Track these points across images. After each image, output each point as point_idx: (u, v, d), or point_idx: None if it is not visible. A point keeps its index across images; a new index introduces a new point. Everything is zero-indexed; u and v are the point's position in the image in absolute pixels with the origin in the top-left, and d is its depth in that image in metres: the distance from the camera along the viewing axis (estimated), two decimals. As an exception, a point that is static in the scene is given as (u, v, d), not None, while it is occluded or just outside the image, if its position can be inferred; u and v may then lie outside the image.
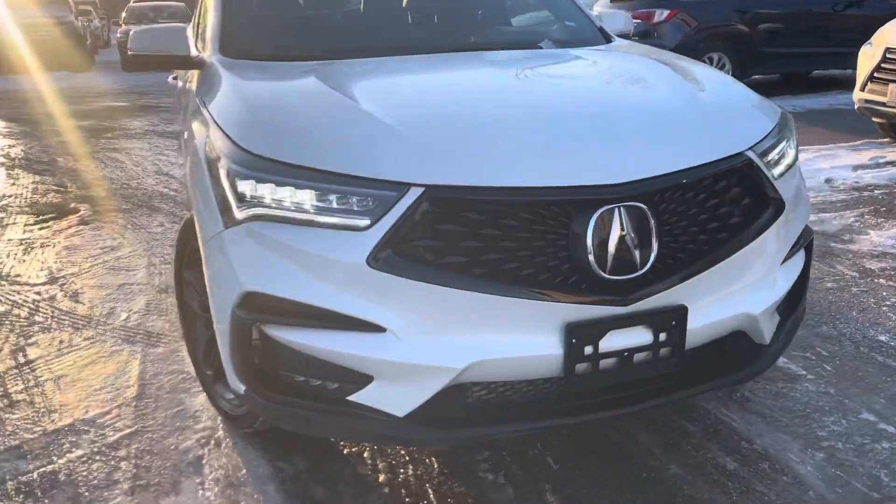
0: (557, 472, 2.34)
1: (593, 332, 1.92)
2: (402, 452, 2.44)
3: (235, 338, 2.02)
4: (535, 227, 1.87)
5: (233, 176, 2.01)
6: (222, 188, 2.05)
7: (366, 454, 2.44)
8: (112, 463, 2.45)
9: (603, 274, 1.89)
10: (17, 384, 2.97)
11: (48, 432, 2.63)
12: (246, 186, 1.98)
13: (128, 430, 2.63)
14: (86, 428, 2.65)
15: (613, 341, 1.95)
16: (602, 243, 1.88)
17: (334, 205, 1.89)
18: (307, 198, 1.91)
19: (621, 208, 1.89)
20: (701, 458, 2.39)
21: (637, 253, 1.91)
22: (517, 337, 1.90)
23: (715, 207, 2.04)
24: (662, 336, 1.98)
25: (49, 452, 2.51)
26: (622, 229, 1.89)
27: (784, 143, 2.32)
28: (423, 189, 1.85)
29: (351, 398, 1.94)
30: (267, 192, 1.95)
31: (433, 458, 2.41)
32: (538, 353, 1.91)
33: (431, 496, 2.24)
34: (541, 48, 3.07)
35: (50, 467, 2.44)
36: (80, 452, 2.51)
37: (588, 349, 1.92)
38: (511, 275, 1.87)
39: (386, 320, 1.88)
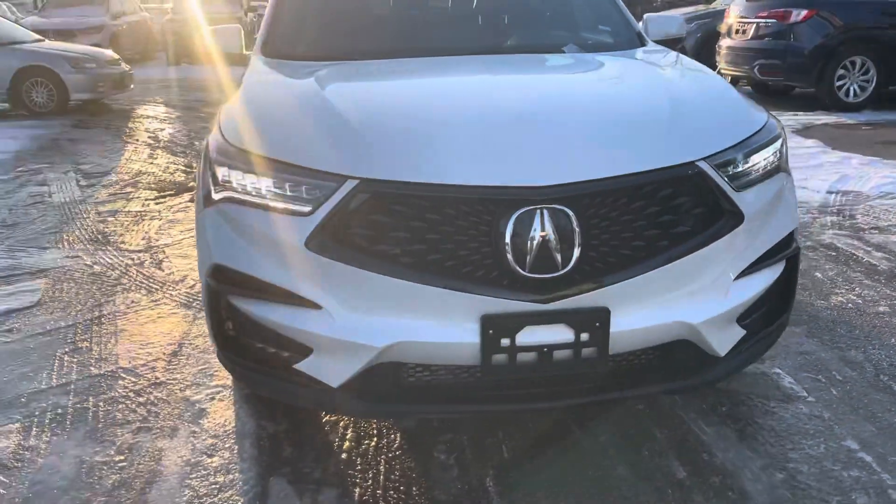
0: (507, 461, 2.45)
1: (510, 326, 2.02)
2: (374, 426, 2.64)
3: (208, 305, 2.30)
4: (459, 223, 2.00)
5: (212, 162, 2.29)
6: (207, 173, 2.34)
7: (342, 424, 2.66)
8: (132, 406, 2.83)
9: (521, 271, 1.98)
10: (85, 334, 3.46)
11: (93, 375, 3.07)
12: (221, 172, 2.25)
13: (155, 381, 3.01)
14: (124, 375, 3.06)
15: (532, 336, 2.03)
16: (524, 242, 1.97)
17: (287, 192, 2.11)
18: (265, 184, 2.14)
19: (544, 210, 1.98)
20: (654, 465, 2.40)
21: (559, 254, 1.99)
22: (438, 323, 2.04)
23: (655, 215, 2.07)
24: (584, 336, 2.04)
25: (87, 392, 2.94)
26: (543, 230, 1.97)
27: (760, 154, 2.28)
28: (357, 181, 2.03)
29: (296, 366, 2.16)
30: (236, 177, 2.20)
31: (398, 434, 2.59)
32: (456, 341, 2.03)
33: (381, 466, 2.43)
34: (563, 52, 3.14)
35: (83, 405, 2.85)
36: (111, 395, 2.91)
37: (505, 341, 2.03)
38: (435, 266, 2.01)
39: (321, 299, 2.08)
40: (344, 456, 2.49)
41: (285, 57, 3.10)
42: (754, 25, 9.30)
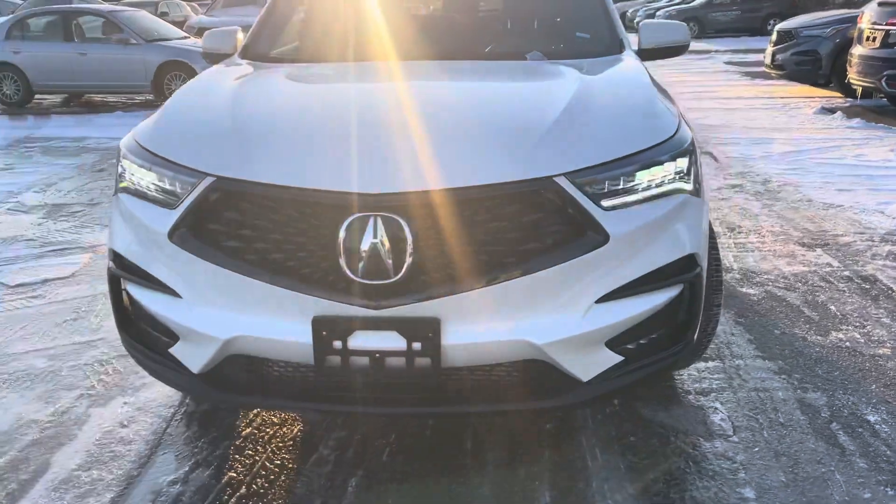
0: (384, 463, 2.46)
1: (341, 329, 2.05)
2: (281, 415, 2.74)
3: (109, 288, 2.49)
4: (299, 226, 2.06)
5: (119, 156, 2.48)
6: (117, 166, 2.53)
7: (259, 412, 2.78)
8: (88, 374, 3.10)
9: (353, 276, 2.01)
10: (94, 305, 3.81)
11: (76, 343, 3.39)
12: (121, 165, 2.43)
13: (122, 353, 3.27)
14: (100, 346, 3.36)
15: (364, 341, 2.05)
16: (357, 248, 1.99)
17: (166, 185, 2.26)
18: (150, 178, 2.30)
19: (378, 217, 1.99)
20: (521, 486, 2.33)
21: (390, 261, 1.99)
22: (276, 321, 2.10)
23: (499, 229, 2.02)
24: (416, 345, 2.03)
25: (62, 358, 3.25)
26: (375, 237, 1.99)
27: (647, 172, 2.15)
28: (214, 179, 2.14)
29: (170, 350, 2.30)
30: (129, 171, 2.38)
31: (300, 425, 2.68)
32: (291, 339, 2.09)
33: (265, 454, 2.52)
34: (525, 59, 3.07)
35: (51, 368, 3.16)
36: (78, 362, 3.21)
37: (337, 344, 2.05)
38: (276, 265, 2.08)
39: (181, 289, 2.21)
40: (238, 441, 2.61)
41: (256, 58, 3.26)
42: (884, 33, 8.45)
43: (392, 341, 2.04)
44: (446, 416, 2.58)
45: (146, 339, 2.40)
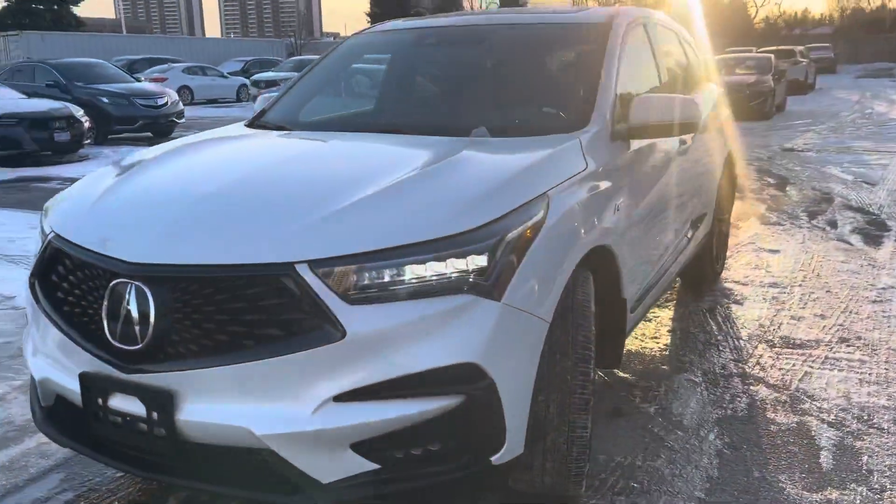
0: None
1: (99, 387, 2.11)
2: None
3: None
4: (86, 284, 2.17)
5: None
6: None
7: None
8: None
9: (109, 338, 2.06)
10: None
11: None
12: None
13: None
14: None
15: (118, 402, 2.09)
16: (116, 311, 2.05)
17: (38, 238, 2.49)
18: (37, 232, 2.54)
19: (132, 285, 2.02)
20: None
21: (138, 328, 2.02)
22: (66, 368, 2.21)
23: (234, 311, 1.96)
24: (155, 415, 2.04)
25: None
26: (127, 303, 2.03)
27: (423, 266, 1.98)
28: (52, 234, 2.32)
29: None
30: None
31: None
32: (68, 387, 2.19)
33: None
34: (469, 134, 2.83)
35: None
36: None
37: (99, 400, 2.12)
38: (67, 318, 2.19)
39: (33, 331, 2.41)
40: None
41: (254, 125, 3.42)
42: None
43: (137, 407, 2.07)
44: (193, 489, 2.53)
45: None
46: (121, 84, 15.49)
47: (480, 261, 2.05)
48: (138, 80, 17.06)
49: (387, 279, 1.98)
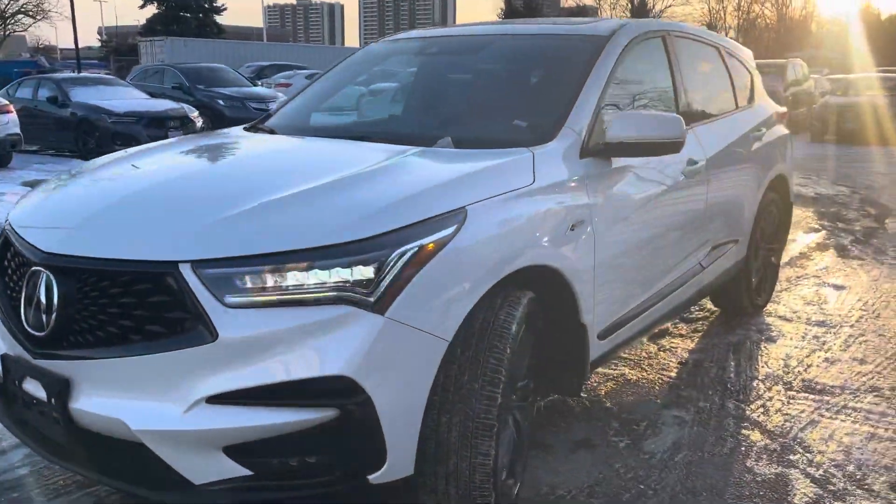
0: (123, 494, 2.61)
1: (15, 369, 2.22)
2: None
3: None
4: (18, 271, 2.29)
5: None
6: None
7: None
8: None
9: (23, 324, 2.18)
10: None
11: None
12: None
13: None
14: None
15: (29, 386, 2.20)
16: (31, 296, 2.16)
17: None
18: None
19: (44, 273, 2.12)
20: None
21: (44, 316, 2.12)
22: (1, 348, 2.34)
23: (122, 305, 2.02)
24: (53, 401, 2.12)
25: None
26: (37, 290, 2.13)
27: (305, 274, 1.96)
28: (6, 223, 2.51)
29: None
30: None
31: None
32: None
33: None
34: (434, 144, 2.77)
35: None
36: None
37: (16, 382, 2.24)
38: (5, 300, 2.33)
39: None
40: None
41: (254, 129, 3.52)
42: None
43: (42, 391, 2.17)
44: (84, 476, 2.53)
45: None
46: (237, 88, 16.39)
47: (367, 272, 2.00)
48: (255, 85, 17.96)
49: (269, 284, 1.98)
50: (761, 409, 3.37)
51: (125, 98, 13.70)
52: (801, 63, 19.97)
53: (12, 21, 40.85)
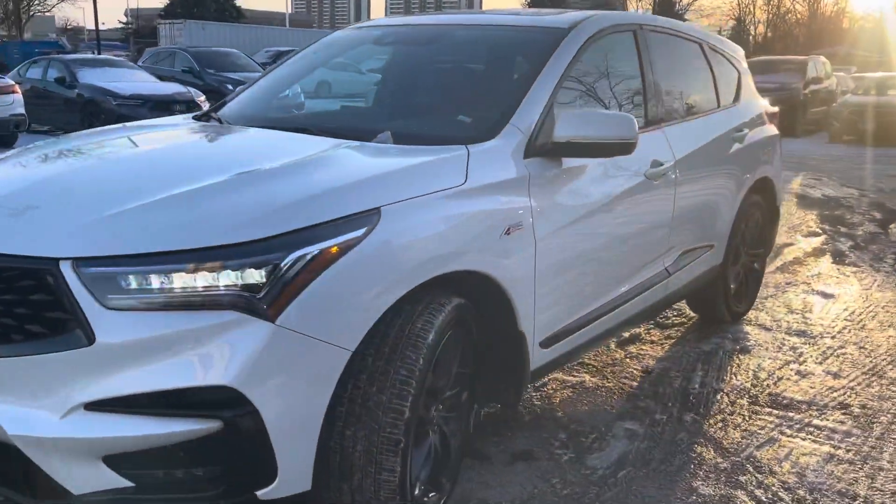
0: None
1: None
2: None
3: None
4: None
5: None
6: None
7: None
8: None
9: None
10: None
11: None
12: None
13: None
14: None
15: None
16: None
17: None
18: None
19: None
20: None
21: None
22: None
23: (11, 303, 1.91)
24: (-58, 397, 2.03)
25: None
26: None
27: (192, 276, 1.85)
28: None
29: None
30: None
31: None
32: None
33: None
34: (373, 139, 2.65)
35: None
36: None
37: None
38: None
39: None
40: None
41: (202, 118, 3.42)
42: None
43: None
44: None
45: None
46: (247, 73, 16.32)
47: (257, 276, 1.89)
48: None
49: (154, 286, 1.87)
50: (720, 424, 3.22)
51: (132, 80, 13.69)
52: (824, 60, 19.53)
53: (36, 2, 41.05)
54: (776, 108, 4.88)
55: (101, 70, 13.93)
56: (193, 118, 3.38)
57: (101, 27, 37.58)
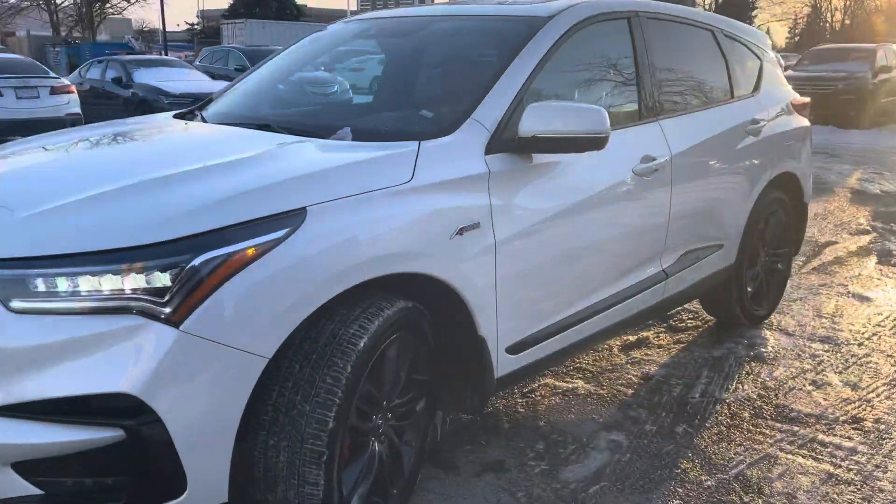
0: None
1: None
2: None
3: None
4: None
5: None
6: None
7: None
8: None
9: None
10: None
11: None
12: None
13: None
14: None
15: None
16: None
17: None
18: None
19: None
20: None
21: None
22: None
23: None
24: None
25: None
26: None
27: (97, 278, 1.79)
28: None
29: None
30: None
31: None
32: None
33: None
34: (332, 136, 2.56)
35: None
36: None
37: None
38: None
39: None
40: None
41: (185, 116, 3.39)
42: None
43: None
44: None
45: None
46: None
47: (163, 279, 1.81)
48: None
49: (60, 290, 1.81)
50: (714, 438, 3.01)
51: (185, 80, 13.97)
52: (895, 48, 18.52)
53: (109, 4, 42.56)
54: (806, 99, 4.57)
55: (156, 70, 14.27)
56: (175, 116, 3.35)
57: (176, 28, 38.59)
